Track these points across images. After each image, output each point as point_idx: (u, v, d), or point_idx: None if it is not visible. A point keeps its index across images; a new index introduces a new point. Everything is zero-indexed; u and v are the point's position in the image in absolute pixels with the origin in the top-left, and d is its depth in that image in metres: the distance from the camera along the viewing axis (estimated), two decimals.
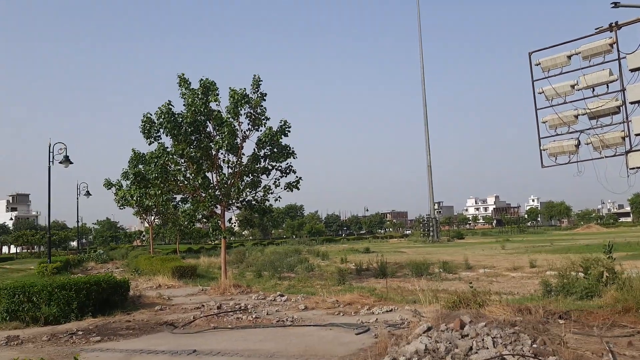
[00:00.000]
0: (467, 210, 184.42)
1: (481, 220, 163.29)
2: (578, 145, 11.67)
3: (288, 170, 20.30)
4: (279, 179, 20.22)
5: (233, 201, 20.02)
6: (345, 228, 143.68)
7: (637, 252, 27.89)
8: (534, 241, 54.39)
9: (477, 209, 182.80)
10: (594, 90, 11.42)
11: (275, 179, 20.20)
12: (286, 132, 19.65)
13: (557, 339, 6.91)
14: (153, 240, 45.17)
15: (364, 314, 12.08)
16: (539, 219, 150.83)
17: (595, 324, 8.97)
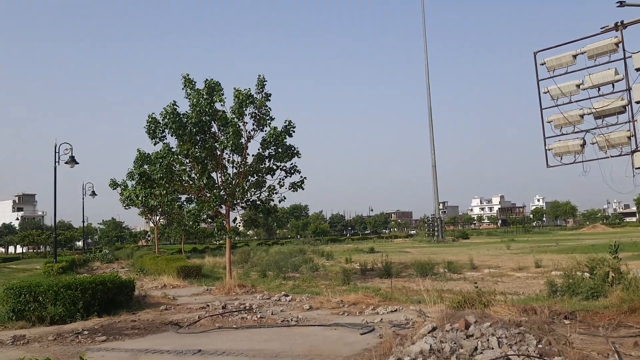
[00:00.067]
0: (472, 210, 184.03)
1: (486, 220, 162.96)
2: (583, 145, 11.62)
3: (293, 170, 20.31)
4: (283, 179, 20.24)
5: (238, 201, 20.04)
6: (349, 228, 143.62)
7: None
8: (539, 241, 54.23)
9: (482, 208, 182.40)
10: (599, 89, 11.36)
11: (280, 179, 20.22)
12: (291, 132, 19.66)
13: (563, 340, 6.89)
14: (158, 240, 45.27)
15: (369, 314, 12.08)
16: (545, 218, 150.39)
17: (601, 324, 8.93)
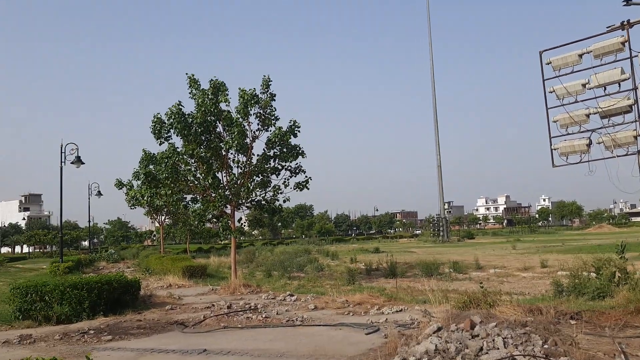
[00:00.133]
0: (477, 210, 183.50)
1: (492, 220, 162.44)
2: (589, 144, 11.57)
3: (297, 170, 20.33)
4: (288, 178, 20.25)
5: (243, 201, 20.07)
6: (354, 228, 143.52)
7: None
8: (545, 241, 54.03)
9: (488, 208, 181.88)
10: (605, 89, 11.32)
11: (285, 178, 20.24)
12: (295, 132, 19.68)
13: (569, 340, 6.86)
14: (163, 240, 45.38)
15: (374, 314, 12.07)
16: (550, 218, 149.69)
17: (607, 324, 8.89)
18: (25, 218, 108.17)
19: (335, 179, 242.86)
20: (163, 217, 41.20)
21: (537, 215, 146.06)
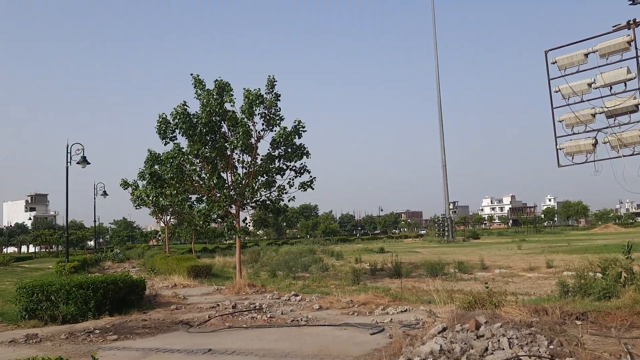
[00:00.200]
0: (482, 210, 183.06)
1: (497, 220, 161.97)
2: (595, 144, 11.51)
3: (302, 170, 20.34)
4: (293, 178, 20.28)
5: (248, 201, 20.10)
6: (359, 228, 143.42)
7: None
8: (550, 241, 53.80)
9: (493, 208, 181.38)
10: (611, 88, 11.26)
11: (290, 178, 20.26)
12: (300, 132, 19.69)
13: (574, 340, 6.84)
14: (169, 239, 45.56)
15: (379, 314, 12.07)
16: (556, 218, 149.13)
17: (613, 325, 8.85)
18: (32, 218, 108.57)
19: (336, 179, 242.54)
20: (168, 217, 41.35)
21: (542, 215, 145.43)
